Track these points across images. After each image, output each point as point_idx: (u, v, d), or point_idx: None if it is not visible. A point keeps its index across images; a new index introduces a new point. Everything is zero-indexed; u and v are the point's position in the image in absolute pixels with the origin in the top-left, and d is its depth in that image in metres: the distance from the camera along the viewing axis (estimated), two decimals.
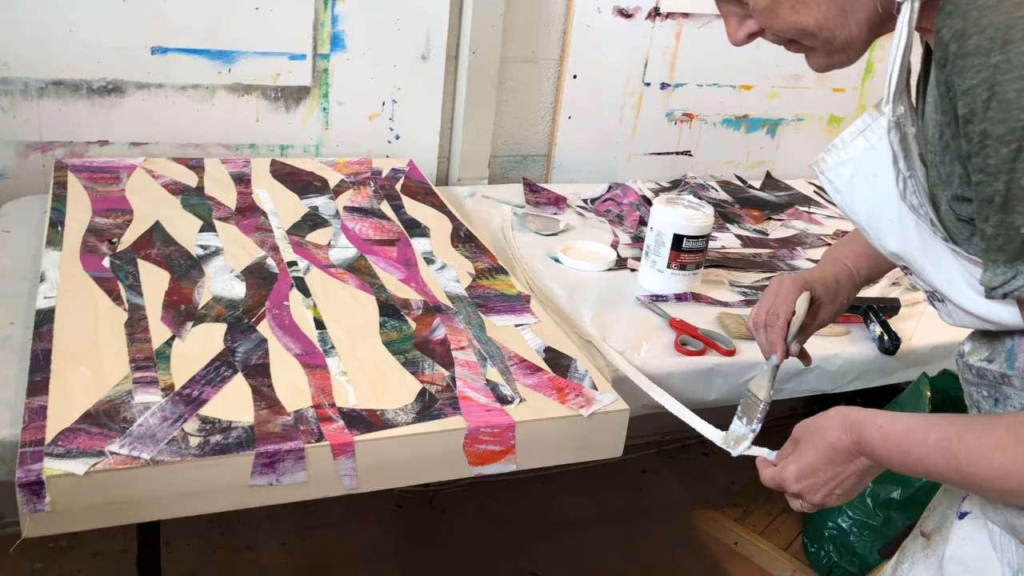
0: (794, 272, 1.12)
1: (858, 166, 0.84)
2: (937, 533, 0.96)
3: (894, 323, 1.49)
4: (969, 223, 0.76)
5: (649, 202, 1.94)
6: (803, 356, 1.12)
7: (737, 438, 1.04)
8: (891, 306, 1.53)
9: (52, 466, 0.88)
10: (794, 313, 1.05)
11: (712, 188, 2.13)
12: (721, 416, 1.09)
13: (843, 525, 1.57)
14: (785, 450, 0.92)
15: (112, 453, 0.90)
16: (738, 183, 2.22)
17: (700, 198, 1.75)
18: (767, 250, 1.82)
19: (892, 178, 0.81)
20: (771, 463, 0.94)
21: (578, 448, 1.11)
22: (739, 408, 1.06)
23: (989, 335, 0.83)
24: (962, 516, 0.90)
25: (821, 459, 0.85)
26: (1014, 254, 0.69)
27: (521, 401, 1.09)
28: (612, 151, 2.17)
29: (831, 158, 0.87)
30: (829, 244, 1.88)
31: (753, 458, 0.98)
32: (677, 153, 2.24)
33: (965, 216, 0.76)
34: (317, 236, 1.49)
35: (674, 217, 1.51)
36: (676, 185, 2.13)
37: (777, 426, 0.98)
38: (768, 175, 2.29)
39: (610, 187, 2.02)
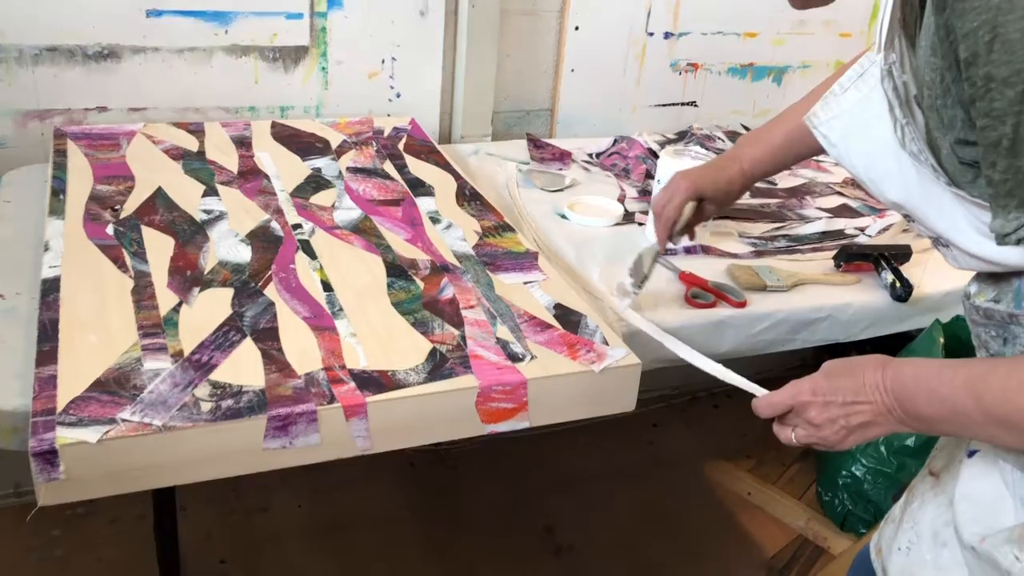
0: (693, 171, 1.27)
1: (852, 118, 0.85)
2: (946, 472, 0.96)
3: (906, 270, 1.48)
4: (972, 166, 0.75)
5: (655, 155, 1.92)
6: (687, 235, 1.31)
7: (624, 292, 1.25)
8: (902, 253, 1.52)
9: (64, 435, 0.87)
10: (682, 215, 1.25)
11: (719, 138, 2.10)
12: (733, 368, 1.08)
13: (857, 473, 1.57)
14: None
15: (124, 420, 0.90)
16: (745, 133, 2.19)
17: (707, 149, 1.73)
18: (776, 200, 1.80)
19: (889, 127, 0.80)
20: None
21: (590, 403, 1.11)
22: (631, 268, 1.26)
23: (995, 276, 0.83)
24: (971, 454, 0.90)
25: (848, 385, 0.83)
26: None
27: (532, 358, 1.08)
28: (616, 104, 2.14)
29: (824, 112, 0.88)
30: (839, 192, 1.86)
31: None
32: (682, 104, 2.21)
33: (968, 160, 0.75)
34: (321, 198, 1.48)
35: (681, 169, 1.49)
36: (682, 137, 2.10)
37: (787, 377, 0.97)
38: None
39: (615, 141, 2.00)
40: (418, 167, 1.66)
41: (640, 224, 1.61)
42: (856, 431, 0.84)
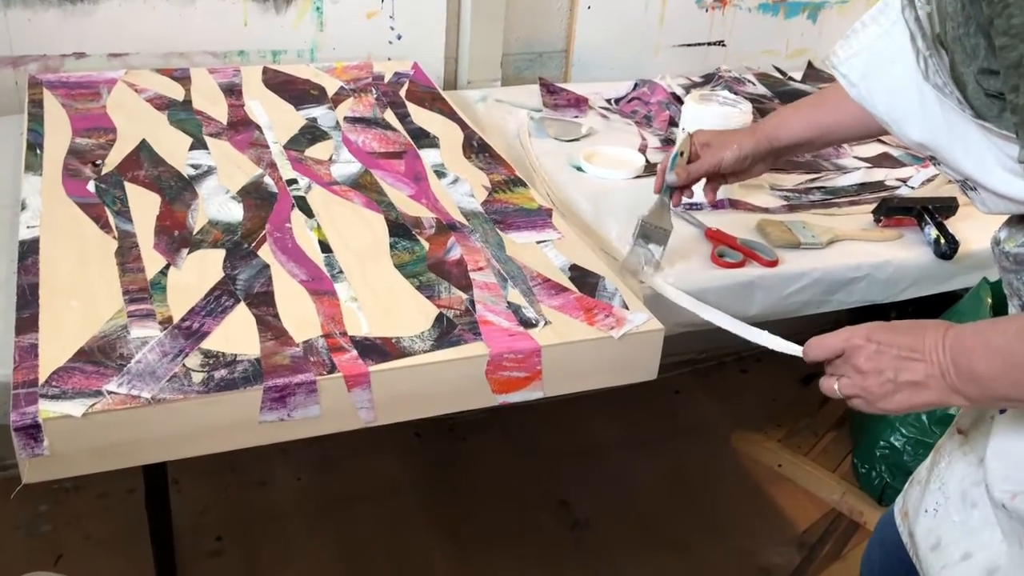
0: (719, 132, 1.28)
1: (873, 54, 0.87)
2: (975, 429, 0.97)
3: (951, 224, 1.47)
4: (999, 98, 0.76)
5: (680, 100, 1.90)
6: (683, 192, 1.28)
7: (653, 263, 1.27)
8: (947, 206, 1.50)
9: (48, 408, 0.88)
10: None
11: (749, 82, 2.08)
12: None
13: (896, 444, 1.57)
14: None
15: (110, 393, 0.91)
16: (777, 75, 2.16)
17: (736, 93, 1.71)
18: None
19: (912, 61, 0.82)
20: None
21: (609, 372, 1.11)
22: (642, 235, 1.27)
23: None
24: (1003, 410, 0.90)
25: (906, 340, 0.84)
26: None
27: (546, 324, 1.08)
28: (637, 44, 2.11)
29: (843, 51, 0.91)
30: (879, 140, 1.84)
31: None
32: (709, 44, 2.18)
33: (994, 91, 0.76)
34: (317, 151, 1.47)
35: (708, 116, 1.48)
36: (709, 80, 2.08)
37: None
38: (810, 65, 2.23)
39: (636, 85, 1.98)
40: (421, 116, 1.65)
41: None
42: (904, 389, 0.84)
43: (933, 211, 1.48)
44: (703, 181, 1.27)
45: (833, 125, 1.14)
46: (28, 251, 1.13)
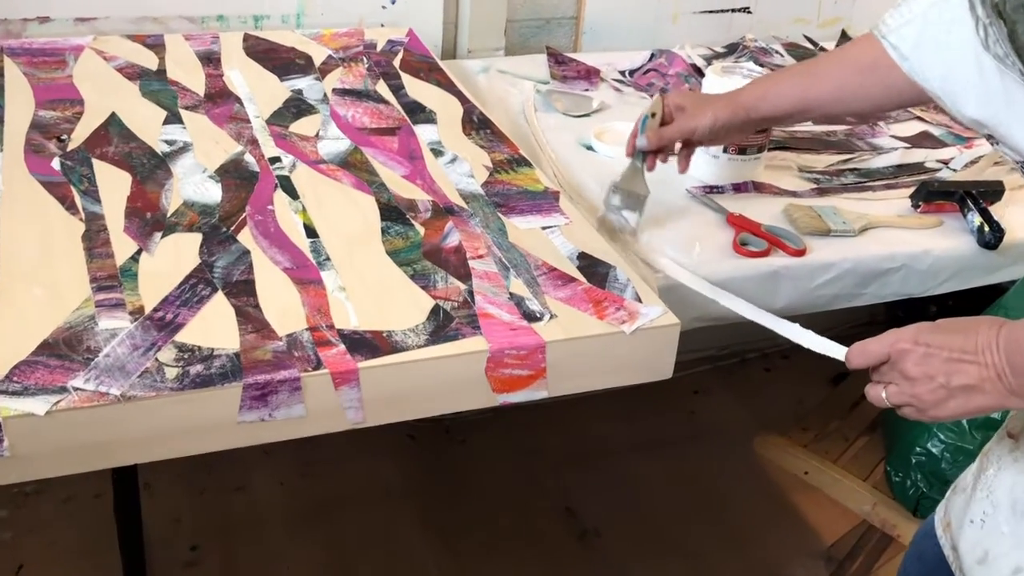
0: (695, 95, 1.32)
1: (926, 23, 0.88)
2: None
3: (996, 211, 1.47)
4: None
5: (700, 72, 1.90)
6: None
7: (629, 231, 1.32)
8: (993, 191, 1.50)
9: (8, 405, 0.88)
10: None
11: (776, 53, 2.08)
12: None
13: (933, 450, 1.57)
14: None
15: (76, 389, 0.91)
16: (808, 46, 2.17)
17: (762, 65, 1.71)
18: (843, 127, 1.78)
19: (970, 29, 0.81)
20: None
21: (620, 370, 1.11)
22: (615, 202, 1.33)
23: None
24: None
25: (957, 341, 0.84)
26: None
27: (552, 317, 1.08)
28: (653, 10, 2.11)
29: (893, 19, 0.91)
30: (919, 117, 1.84)
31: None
32: (733, 10, 2.18)
33: None
34: (302, 126, 1.48)
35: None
36: (733, 50, 2.08)
37: (853, 337, 0.97)
38: (844, 35, 2.23)
39: (652, 55, 1.98)
40: (417, 88, 1.65)
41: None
42: (958, 395, 0.84)
43: (977, 196, 1.47)
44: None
45: (818, 101, 1.15)
46: None
